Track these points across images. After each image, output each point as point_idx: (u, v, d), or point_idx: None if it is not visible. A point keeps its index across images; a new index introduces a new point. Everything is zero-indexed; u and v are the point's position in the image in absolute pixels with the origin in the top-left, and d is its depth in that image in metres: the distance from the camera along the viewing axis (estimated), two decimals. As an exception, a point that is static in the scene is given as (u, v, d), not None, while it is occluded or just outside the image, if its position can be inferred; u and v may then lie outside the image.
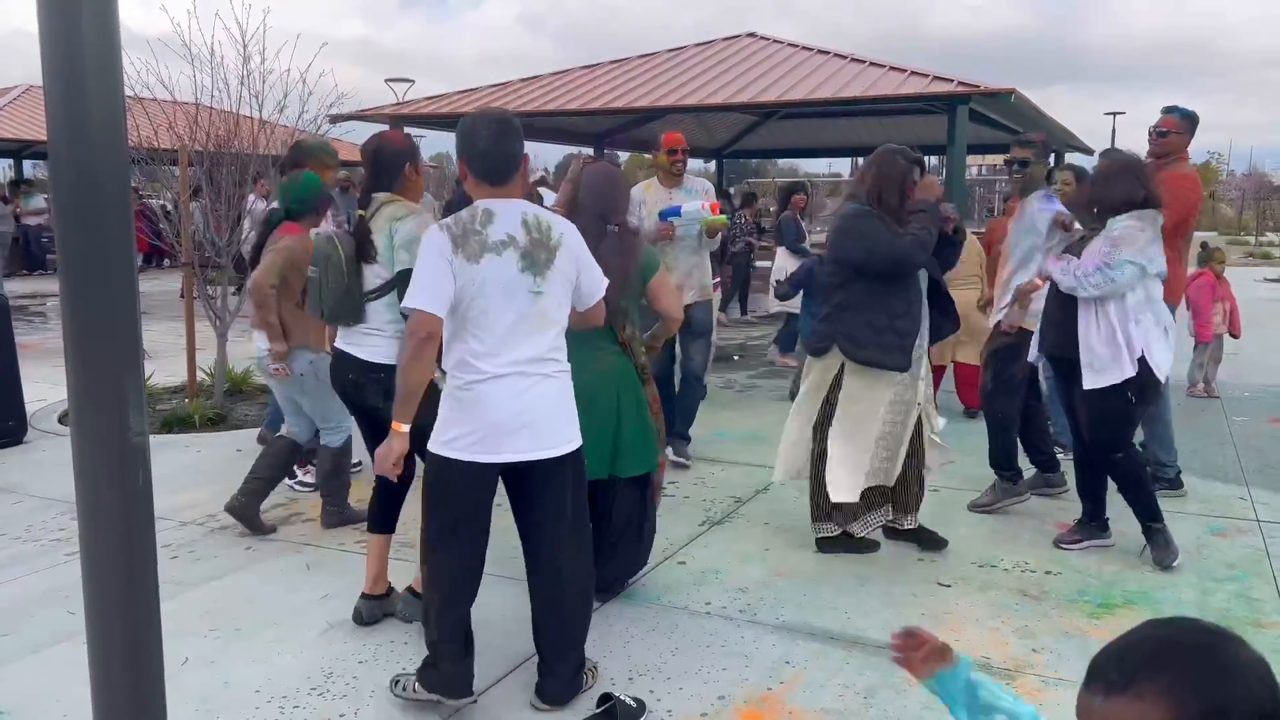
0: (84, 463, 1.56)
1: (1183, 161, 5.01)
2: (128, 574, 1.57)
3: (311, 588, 3.89)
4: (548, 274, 2.75)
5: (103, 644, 1.54)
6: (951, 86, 9.76)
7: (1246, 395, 7.62)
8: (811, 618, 3.59)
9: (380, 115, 11.71)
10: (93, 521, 1.56)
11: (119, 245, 1.50)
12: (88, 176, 1.46)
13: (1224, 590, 3.84)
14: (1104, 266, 3.88)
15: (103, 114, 1.46)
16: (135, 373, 1.54)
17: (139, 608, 1.60)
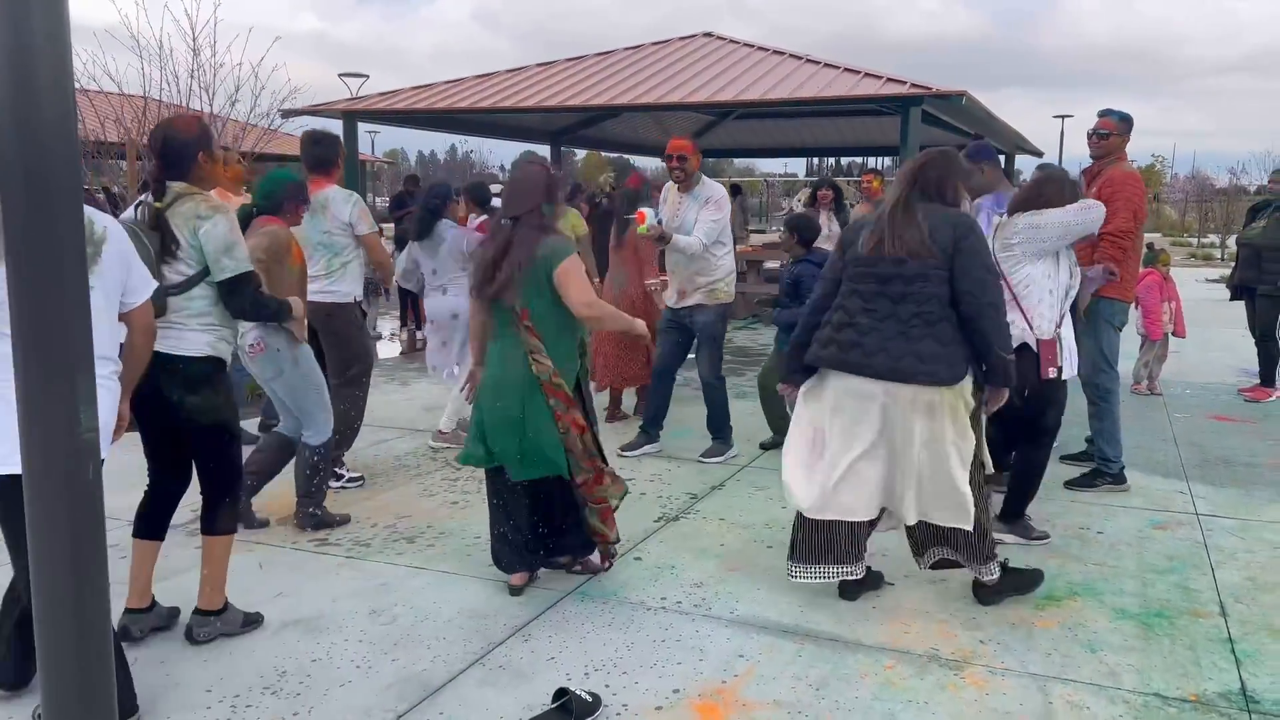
0: (34, 459, 1.54)
1: (1122, 161, 5.16)
2: (77, 570, 1.56)
3: (264, 587, 3.86)
4: (94, 268, 2.69)
5: (52, 640, 1.53)
6: (904, 88, 9.91)
7: (1188, 393, 7.82)
8: (765, 612, 3.64)
9: (333, 110, 11.59)
10: (42, 517, 1.55)
11: (70, 244, 1.49)
12: (38, 176, 1.45)
13: (1164, 581, 3.95)
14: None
15: (53, 113, 1.45)
16: (86, 370, 1.53)
17: (89, 604, 1.59)
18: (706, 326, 5.66)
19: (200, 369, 3.26)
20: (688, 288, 5.67)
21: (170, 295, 3.21)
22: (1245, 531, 4.54)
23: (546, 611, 3.64)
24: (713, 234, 5.51)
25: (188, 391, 3.23)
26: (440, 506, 4.86)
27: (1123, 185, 4.93)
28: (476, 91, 11.94)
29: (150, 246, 3.13)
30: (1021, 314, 4.08)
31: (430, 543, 4.35)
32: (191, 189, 3.24)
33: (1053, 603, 3.74)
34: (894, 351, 3.41)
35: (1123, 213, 4.86)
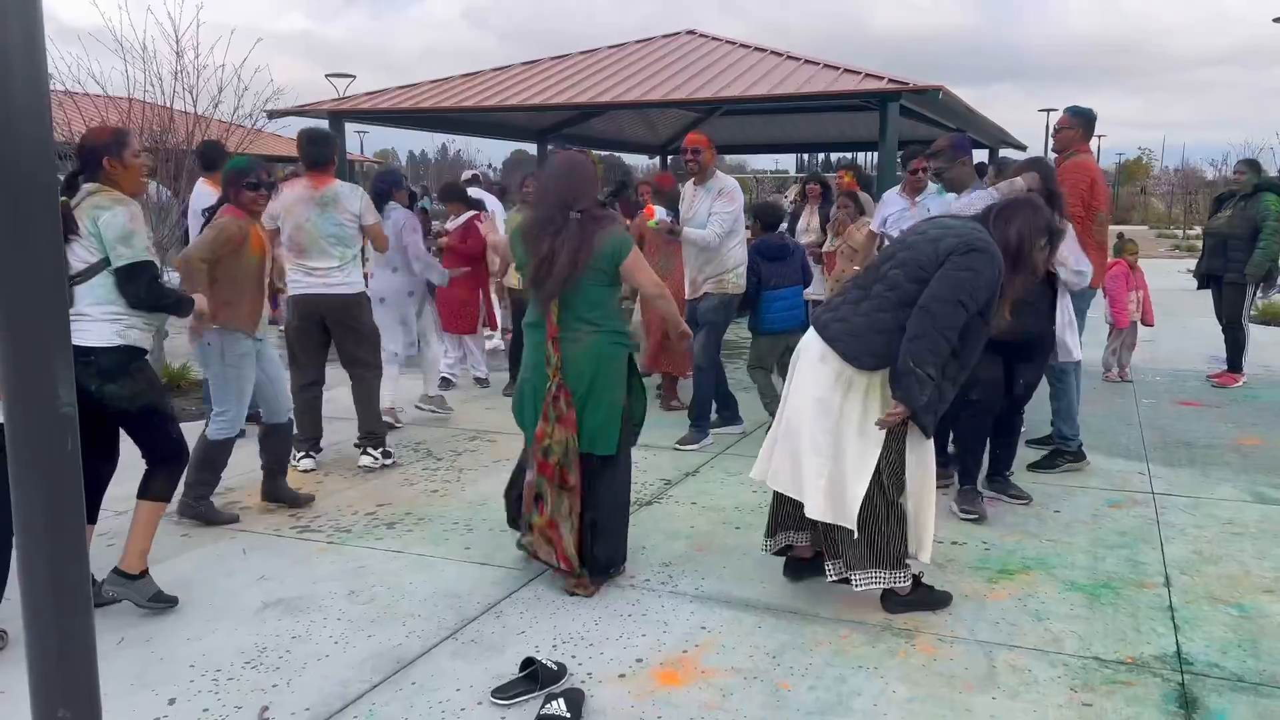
0: (16, 432, 1.68)
1: (1081, 153, 5.35)
2: (59, 534, 1.70)
3: (247, 571, 4.00)
4: None
5: (34, 598, 1.66)
6: (882, 84, 10.05)
7: (1158, 380, 7.99)
8: (730, 588, 3.79)
9: (320, 110, 11.70)
10: (25, 486, 1.69)
11: (47, 235, 1.62)
12: (14, 169, 1.58)
13: (1114, 555, 4.11)
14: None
15: (28, 102, 1.59)
16: (64, 350, 1.67)
17: (69, 567, 1.72)
18: (705, 313, 5.84)
19: (113, 359, 3.43)
20: (699, 278, 5.87)
21: (73, 284, 3.39)
22: (1197, 509, 4.70)
23: (519, 590, 3.78)
24: (725, 225, 5.67)
25: (105, 381, 3.41)
26: (419, 494, 5.00)
27: (1069, 173, 5.16)
28: (463, 91, 12.06)
29: None
30: None
31: (409, 528, 4.49)
32: (101, 186, 3.47)
33: (1005, 576, 3.89)
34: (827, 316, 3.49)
35: (1069, 199, 5.07)
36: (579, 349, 3.70)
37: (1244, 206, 7.57)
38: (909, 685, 3.04)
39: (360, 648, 3.32)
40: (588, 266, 3.66)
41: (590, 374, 3.71)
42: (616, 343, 3.79)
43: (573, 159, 3.94)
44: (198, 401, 7.00)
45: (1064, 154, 5.32)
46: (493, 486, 5.09)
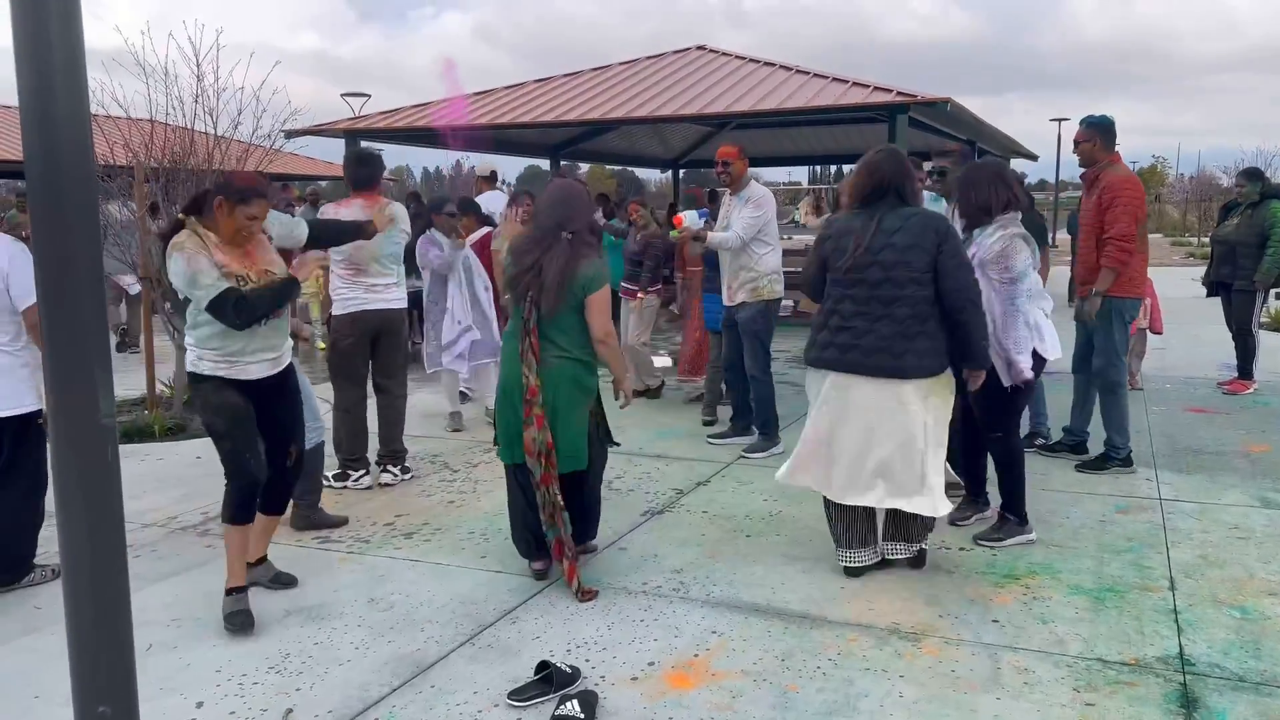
0: (60, 441, 1.79)
1: (1116, 164, 5.37)
2: (99, 536, 1.81)
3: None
4: None
5: (76, 592, 1.77)
6: (890, 96, 10.15)
7: (1169, 387, 8.02)
8: (740, 593, 3.87)
9: (335, 130, 11.88)
10: (68, 491, 1.79)
11: (87, 255, 1.74)
12: (58, 192, 1.70)
13: (1119, 560, 4.16)
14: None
15: (70, 133, 1.70)
16: (104, 364, 1.78)
17: (110, 572, 1.84)
18: (746, 323, 5.94)
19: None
20: (734, 284, 5.98)
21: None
22: (1203, 514, 4.75)
23: (534, 597, 3.88)
24: (750, 229, 5.78)
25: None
26: (437, 505, 5.10)
27: (1122, 190, 5.20)
28: (476, 108, 12.22)
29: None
30: None
31: (427, 538, 4.59)
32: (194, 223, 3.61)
33: (1012, 580, 3.96)
34: (895, 350, 3.73)
35: (1123, 218, 5.15)
36: (546, 370, 3.89)
37: (1251, 214, 7.62)
38: (915, 687, 3.11)
39: (380, 653, 3.42)
40: (568, 286, 3.84)
41: (553, 396, 3.89)
42: (580, 372, 3.96)
43: (568, 185, 4.19)
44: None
45: (1098, 166, 5.34)
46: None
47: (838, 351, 3.82)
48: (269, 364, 3.72)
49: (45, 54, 1.68)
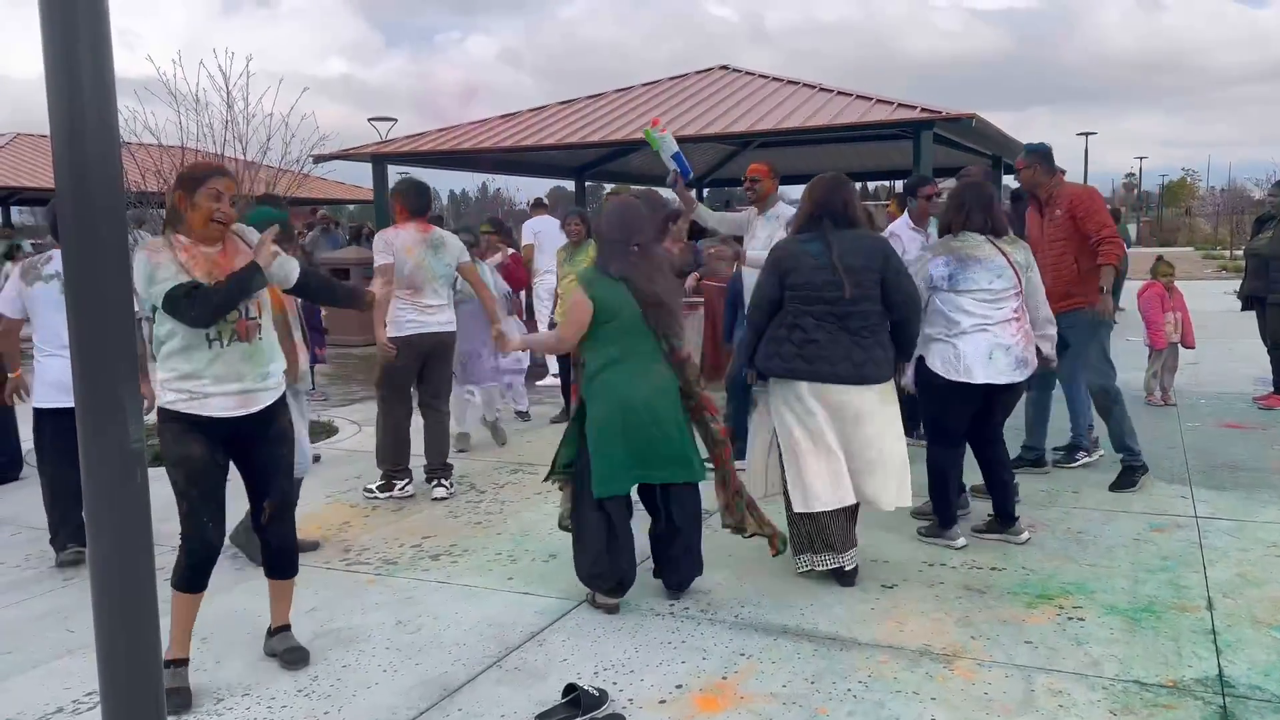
0: (90, 465, 1.81)
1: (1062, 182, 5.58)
2: (129, 558, 1.82)
3: (298, 602, 4.08)
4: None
5: (106, 605, 1.79)
6: (915, 113, 10.13)
7: (1203, 402, 7.90)
8: (768, 615, 3.83)
9: (362, 154, 12.02)
10: (98, 514, 1.81)
11: (116, 283, 1.76)
12: (88, 218, 1.73)
13: (1155, 579, 4.09)
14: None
15: (100, 159, 1.73)
16: (133, 389, 1.80)
17: (139, 590, 1.85)
18: None
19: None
20: None
21: None
22: (1241, 532, 4.66)
23: (561, 619, 3.86)
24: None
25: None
26: (464, 526, 5.11)
27: (1089, 197, 5.40)
28: (501, 131, 12.32)
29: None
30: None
31: (454, 559, 4.59)
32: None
33: (1045, 600, 3.90)
34: (856, 359, 4.00)
35: (1104, 220, 5.27)
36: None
37: (1284, 227, 7.51)
38: (947, 709, 3.06)
39: (408, 675, 3.42)
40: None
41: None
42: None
43: (624, 201, 4.27)
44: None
45: (1048, 185, 5.45)
46: (534, 518, 5.19)
47: (805, 363, 4.04)
48: (236, 399, 3.24)
49: (76, 89, 1.71)
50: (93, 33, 1.72)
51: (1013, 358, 4.41)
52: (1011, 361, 4.41)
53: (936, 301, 4.48)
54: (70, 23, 1.71)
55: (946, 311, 4.46)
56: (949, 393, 4.45)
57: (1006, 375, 4.41)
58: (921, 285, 4.40)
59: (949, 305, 4.45)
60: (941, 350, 4.45)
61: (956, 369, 4.40)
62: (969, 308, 4.41)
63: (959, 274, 4.43)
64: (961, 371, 4.39)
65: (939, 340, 4.47)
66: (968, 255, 4.45)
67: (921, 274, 4.47)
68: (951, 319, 4.44)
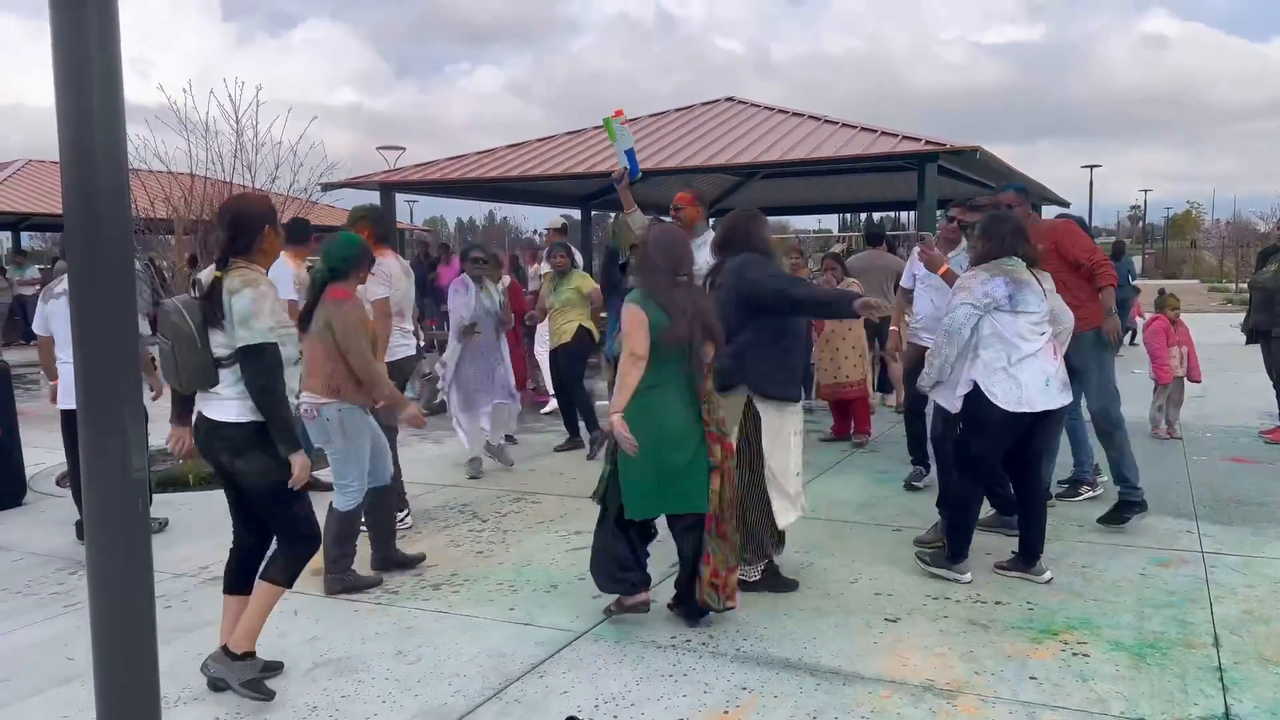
0: (91, 493, 1.81)
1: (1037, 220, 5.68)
2: (130, 588, 1.82)
3: (298, 631, 4.10)
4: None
5: (105, 639, 1.78)
6: (919, 145, 10.19)
7: (1209, 436, 7.87)
8: (770, 648, 3.81)
9: (370, 182, 12.10)
10: (98, 543, 1.81)
11: (123, 313, 1.77)
12: (96, 248, 1.74)
13: (1160, 615, 4.06)
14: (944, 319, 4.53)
15: (109, 189, 1.75)
16: (137, 417, 1.81)
17: (138, 625, 1.85)
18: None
19: (242, 434, 3.35)
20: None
21: (221, 368, 3.35)
22: (1248, 568, 4.63)
23: (562, 650, 3.84)
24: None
25: (235, 456, 3.36)
26: (465, 556, 5.09)
27: (1067, 230, 5.45)
28: (508, 160, 12.42)
29: (191, 321, 3.29)
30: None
31: (455, 589, 4.57)
32: (241, 262, 3.40)
33: (1049, 636, 3.87)
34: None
35: (1091, 243, 5.39)
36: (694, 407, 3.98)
37: (1289, 260, 7.51)
38: (951, 746, 3.03)
39: (407, 707, 3.39)
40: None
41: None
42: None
43: (672, 231, 4.25)
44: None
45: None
46: (537, 547, 5.18)
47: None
48: None
49: (86, 123, 1.73)
50: (104, 63, 1.74)
51: (1059, 381, 4.42)
52: (1059, 385, 4.41)
53: (995, 325, 4.34)
54: (82, 52, 1.73)
55: (1006, 335, 4.34)
56: (1003, 423, 4.37)
57: (1058, 400, 4.39)
58: (966, 309, 4.35)
59: (1009, 329, 4.34)
60: (1003, 381, 4.32)
61: (1019, 400, 4.32)
62: (1025, 332, 4.35)
63: (1017, 295, 4.36)
64: (1024, 402, 4.32)
65: (999, 370, 4.33)
66: (1018, 278, 4.40)
67: (971, 296, 4.36)
68: (1011, 344, 4.33)
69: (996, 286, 4.35)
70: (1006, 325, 4.34)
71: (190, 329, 3.29)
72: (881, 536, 5.27)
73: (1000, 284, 4.35)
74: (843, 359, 7.74)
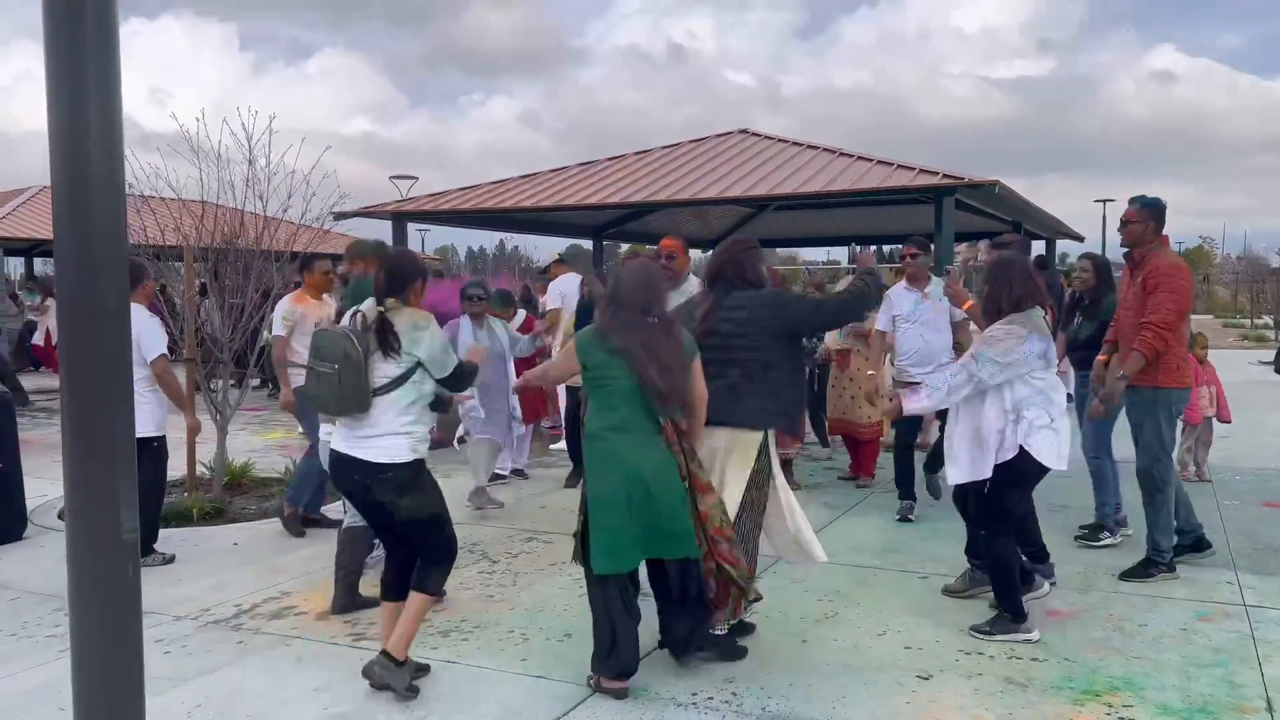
0: (76, 556, 1.66)
1: (1166, 248, 5.08)
2: (115, 664, 1.66)
3: (301, 681, 3.92)
4: None
5: (88, 713, 1.61)
6: (937, 179, 10.07)
7: (1238, 479, 7.66)
8: (797, 707, 3.61)
9: (383, 212, 12.03)
10: (83, 610, 1.65)
11: (115, 362, 1.62)
12: (89, 287, 1.59)
13: (1208, 676, 3.85)
14: (969, 361, 4.29)
15: (106, 229, 1.60)
16: (129, 474, 1.65)
17: (125, 690, 1.68)
18: None
19: (408, 473, 3.67)
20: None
21: (377, 395, 3.63)
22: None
23: (577, 707, 3.65)
24: None
25: (400, 494, 3.66)
26: (475, 600, 4.91)
27: (1168, 276, 4.90)
28: (521, 191, 12.34)
29: (361, 348, 3.59)
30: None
31: (464, 637, 4.39)
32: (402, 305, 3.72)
33: (1092, 697, 3.67)
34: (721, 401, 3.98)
35: (1166, 304, 4.85)
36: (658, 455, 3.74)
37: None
38: (995, 821, 2.83)
39: (414, 768, 3.21)
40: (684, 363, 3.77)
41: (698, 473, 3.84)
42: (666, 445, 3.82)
43: (647, 268, 4.03)
44: (258, 500, 7.05)
45: (1144, 248, 5.06)
46: (550, 591, 4.99)
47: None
48: None
49: (82, 160, 1.60)
50: (102, 91, 1.61)
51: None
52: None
53: (1033, 383, 4.20)
54: (79, 77, 1.60)
55: (1048, 392, 4.21)
56: (1037, 478, 4.31)
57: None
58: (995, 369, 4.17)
59: (1049, 384, 4.22)
60: (1049, 438, 4.19)
61: (1060, 455, 4.24)
62: (1056, 385, 4.27)
63: (1047, 351, 4.26)
64: (1063, 459, 4.26)
65: (1043, 428, 4.18)
66: (1044, 331, 4.28)
67: (1010, 355, 4.17)
68: (1053, 399, 4.21)
69: (1034, 343, 4.20)
70: (1043, 382, 4.22)
71: (360, 356, 3.57)
72: (908, 584, 5.08)
73: (1037, 339, 4.22)
74: (864, 398, 7.57)
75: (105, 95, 1.61)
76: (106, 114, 1.61)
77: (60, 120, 1.60)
